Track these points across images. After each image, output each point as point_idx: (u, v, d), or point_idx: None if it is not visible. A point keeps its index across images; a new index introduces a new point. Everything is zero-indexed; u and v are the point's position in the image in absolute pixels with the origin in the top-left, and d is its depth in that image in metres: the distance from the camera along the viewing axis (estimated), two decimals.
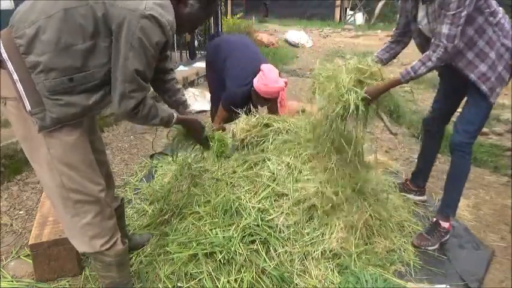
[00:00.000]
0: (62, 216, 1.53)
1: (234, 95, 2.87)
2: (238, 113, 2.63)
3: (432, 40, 1.99)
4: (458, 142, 2.17)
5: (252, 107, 2.79)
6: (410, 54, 2.38)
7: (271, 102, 2.97)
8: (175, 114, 1.65)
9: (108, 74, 1.38)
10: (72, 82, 1.33)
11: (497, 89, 2.07)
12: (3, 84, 1.34)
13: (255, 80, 2.79)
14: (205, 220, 2.02)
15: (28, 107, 1.32)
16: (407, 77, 2.02)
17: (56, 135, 1.39)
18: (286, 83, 2.85)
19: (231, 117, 2.90)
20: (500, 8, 2.05)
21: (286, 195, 2.08)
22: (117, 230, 1.62)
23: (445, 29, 1.90)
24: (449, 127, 2.47)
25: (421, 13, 2.10)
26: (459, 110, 2.36)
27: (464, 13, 1.87)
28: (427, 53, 1.99)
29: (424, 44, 2.21)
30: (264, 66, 2.80)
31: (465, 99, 2.25)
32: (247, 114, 2.60)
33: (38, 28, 1.27)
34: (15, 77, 1.30)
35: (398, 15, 2.38)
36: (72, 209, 1.48)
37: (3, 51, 1.30)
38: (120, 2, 1.29)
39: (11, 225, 2.42)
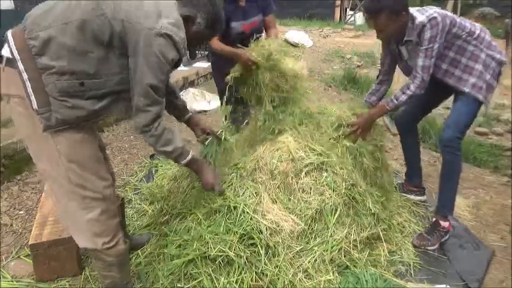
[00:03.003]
0: (68, 210, 1.54)
1: None
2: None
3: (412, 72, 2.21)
4: (450, 137, 2.20)
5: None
6: None
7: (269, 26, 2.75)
8: (191, 154, 1.69)
9: (117, 84, 1.45)
10: (83, 86, 1.39)
11: (488, 96, 2.23)
12: (9, 82, 1.39)
13: None
14: (205, 222, 2.01)
15: (35, 106, 1.36)
16: (391, 104, 2.28)
17: (63, 133, 1.43)
18: None
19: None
20: (477, 24, 2.24)
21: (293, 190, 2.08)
22: (119, 230, 1.63)
23: (420, 62, 2.16)
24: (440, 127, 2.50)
25: (404, 52, 2.32)
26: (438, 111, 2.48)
27: (436, 46, 2.12)
28: (407, 83, 2.23)
29: None
30: None
31: (442, 104, 2.47)
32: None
33: (54, 33, 1.32)
34: (25, 76, 1.35)
35: (382, 56, 2.53)
36: (79, 203, 1.50)
37: (15, 51, 1.34)
38: (137, 21, 1.37)
39: (11, 225, 2.42)
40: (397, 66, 2.50)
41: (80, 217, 1.52)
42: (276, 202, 2.03)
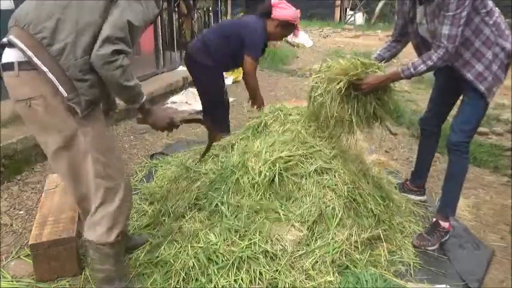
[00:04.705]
0: (89, 204, 1.58)
1: (260, 36, 2.90)
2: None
3: (434, 41, 2.01)
4: (455, 142, 2.17)
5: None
6: (411, 53, 2.39)
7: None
8: (145, 96, 1.58)
9: None
10: None
11: (494, 89, 2.10)
12: (27, 86, 1.39)
13: (274, 12, 2.91)
14: (205, 222, 2.01)
15: (65, 94, 1.38)
16: (406, 72, 2.06)
17: (88, 123, 1.46)
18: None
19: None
20: (496, 8, 2.06)
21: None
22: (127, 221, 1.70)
23: (445, 30, 1.92)
24: (446, 127, 2.47)
25: (419, 14, 2.11)
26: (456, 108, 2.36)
27: (464, 13, 1.89)
28: (429, 52, 2.02)
29: (420, 45, 2.23)
30: (274, 1, 2.92)
31: (460, 98, 2.26)
32: None
33: (58, 19, 1.35)
34: (45, 68, 1.35)
35: (396, 17, 2.39)
36: (102, 198, 1.54)
37: (26, 49, 1.34)
38: None
39: (11, 225, 2.42)
40: None
41: (100, 213, 1.57)
42: (278, 211, 2.02)
